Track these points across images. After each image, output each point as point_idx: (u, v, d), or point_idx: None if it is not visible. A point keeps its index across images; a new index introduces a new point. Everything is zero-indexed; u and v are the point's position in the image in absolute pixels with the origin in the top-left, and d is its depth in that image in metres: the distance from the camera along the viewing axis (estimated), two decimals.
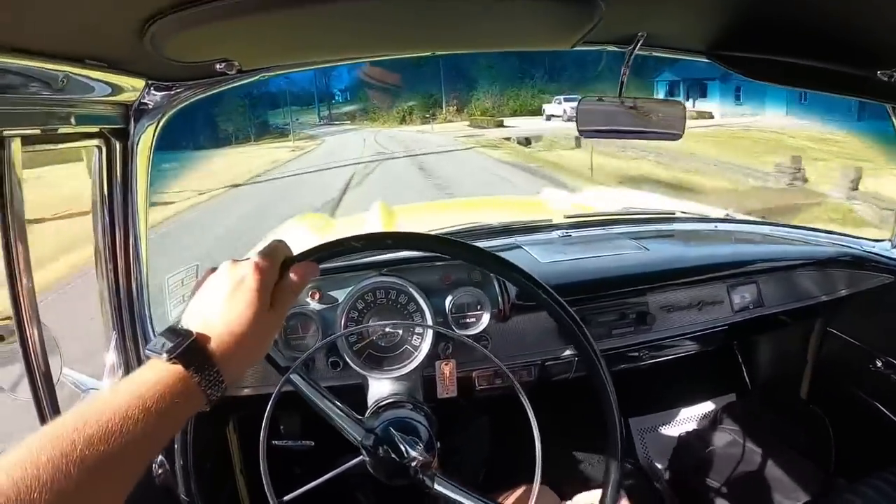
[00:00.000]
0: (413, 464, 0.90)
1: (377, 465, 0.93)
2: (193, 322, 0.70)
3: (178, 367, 0.64)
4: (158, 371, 0.64)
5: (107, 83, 0.93)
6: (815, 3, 0.89)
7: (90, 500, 0.54)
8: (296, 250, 0.83)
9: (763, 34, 1.11)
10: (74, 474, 0.52)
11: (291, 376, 0.91)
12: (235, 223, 9.86)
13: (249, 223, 9.63)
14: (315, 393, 0.93)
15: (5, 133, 0.79)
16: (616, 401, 0.87)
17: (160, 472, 1.12)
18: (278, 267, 0.77)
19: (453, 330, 1.14)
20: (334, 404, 0.94)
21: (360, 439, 0.93)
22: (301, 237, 2.53)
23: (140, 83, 0.99)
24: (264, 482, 0.86)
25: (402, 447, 0.91)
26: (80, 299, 4.30)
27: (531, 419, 0.89)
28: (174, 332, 0.67)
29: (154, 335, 1.17)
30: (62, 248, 5.75)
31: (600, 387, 0.88)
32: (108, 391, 0.61)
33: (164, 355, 0.64)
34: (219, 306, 0.71)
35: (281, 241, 0.81)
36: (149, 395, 0.61)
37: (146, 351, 0.66)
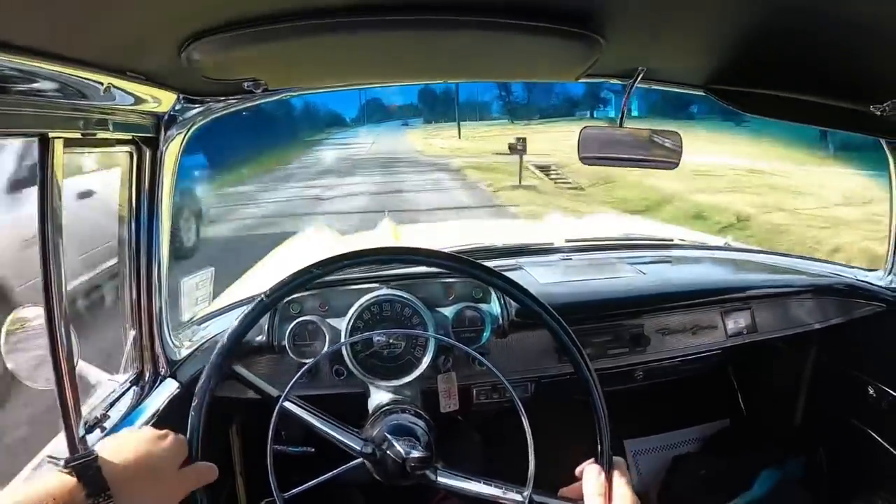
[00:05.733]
0: (412, 463, 0.94)
1: (378, 469, 0.98)
2: (103, 447, 0.73)
3: (71, 480, 0.65)
4: (50, 480, 0.65)
5: (142, 95, 1.00)
6: (811, 41, 0.93)
7: None
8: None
9: (759, 70, 1.16)
10: None
11: (284, 403, 0.95)
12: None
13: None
14: (310, 414, 0.98)
15: (51, 134, 0.85)
16: (607, 418, 0.91)
17: None
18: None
19: (454, 341, 1.19)
20: (329, 422, 0.99)
21: (359, 449, 0.97)
22: (312, 249, 2.59)
23: (173, 96, 1.07)
24: (270, 477, 0.90)
25: (399, 449, 0.94)
26: None
27: (527, 434, 0.92)
28: (80, 448, 0.72)
29: (169, 334, 1.24)
30: None
31: (593, 405, 0.92)
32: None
33: (60, 464, 0.66)
34: (133, 443, 0.76)
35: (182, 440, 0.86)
36: (31, 501, 0.62)
37: (46, 460, 0.70)
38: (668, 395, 1.91)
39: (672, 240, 2.05)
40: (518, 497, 0.93)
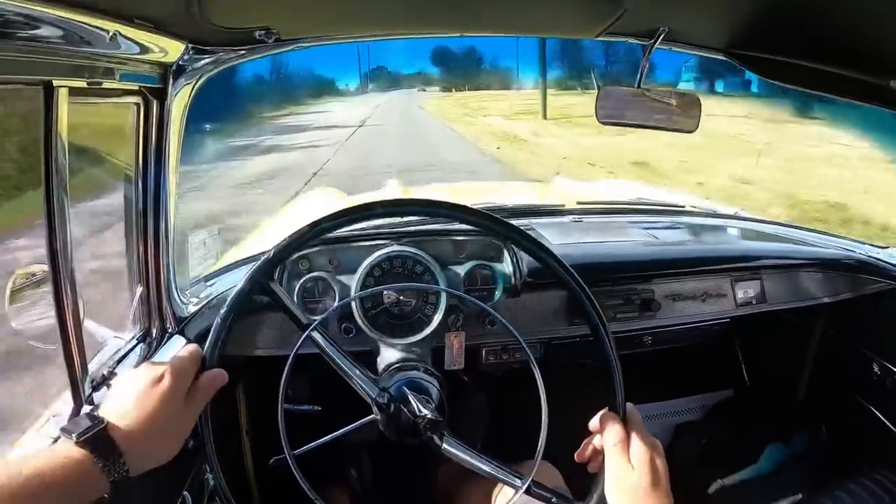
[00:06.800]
0: (423, 423, 0.94)
1: (388, 423, 0.97)
2: (109, 411, 0.76)
3: (84, 451, 0.69)
4: (65, 452, 0.68)
5: (150, 44, 0.96)
6: (834, 10, 0.91)
7: None
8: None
9: (782, 37, 1.13)
10: None
11: (312, 333, 0.95)
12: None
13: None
14: (333, 350, 0.97)
15: (55, 83, 0.82)
16: (621, 370, 0.91)
17: None
18: (194, 371, 0.86)
19: (465, 295, 1.17)
20: (351, 362, 0.98)
21: (373, 396, 0.97)
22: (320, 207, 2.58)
23: (181, 46, 1.03)
24: (281, 435, 0.89)
25: (414, 405, 0.94)
26: None
27: (541, 393, 0.91)
28: (89, 418, 0.73)
29: (177, 291, 1.23)
30: None
31: (607, 360, 0.91)
32: (15, 462, 0.66)
33: (73, 437, 0.69)
34: (135, 400, 0.77)
35: (197, 347, 0.89)
36: (50, 472, 0.65)
37: (59, 432, 0.72)
38: (672, 363, 1.92)
39: (684, 206, 2.04)
40: (517, 482, 0.93)
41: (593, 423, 0.91)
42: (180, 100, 1.12)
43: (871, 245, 1.73)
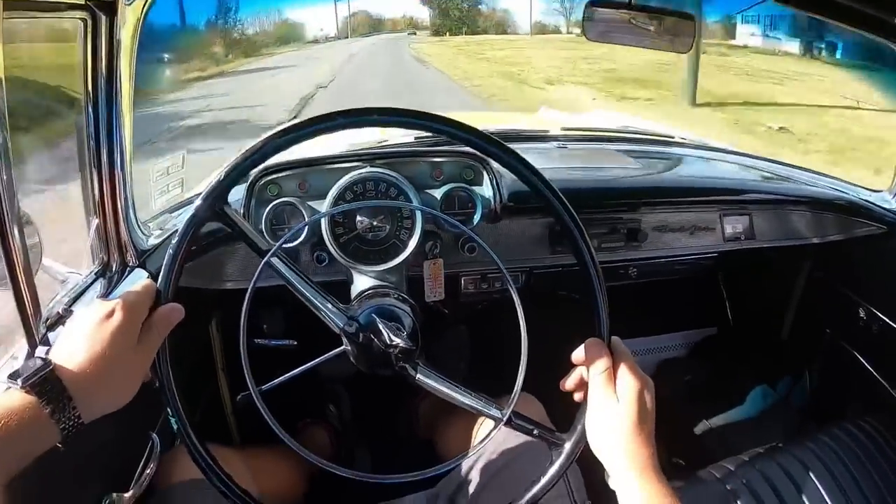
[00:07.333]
0: (396, 351, 0.89)
1: (359, 353, 0.92)
2: (57, 353, 0.71)
3: (31, 397, 0.64)
4: (10, 399, 0.64)
5: None
6: None
7: None
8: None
9: None
10: None
11: (272, 259, 0.88)
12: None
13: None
14: (297, 278, 0.91)
15: None
16: (606, 298, 0.86)
17: None
18: (147, 306, 0.79)
19: (442, 215, 1.11)
20: (317, 291, 0.92)
21: (342, 326, 0.91)
22: None
23: None
24: (245, 370, 0.85)
25: (385, 334, 0.89)
26: None
27: (521, 322, 0.87)
28: (38, 360, 0.68)
29: (137, 222, 1.17)
30: None
31: (592, 287, 0.86)
32: None
33: (19, 383, 0.65)
34: (84, 340, 0.72)
35: (150, 281, 0.84)
36: None
37: (6, 379, 0.67)
38: (657, 298, 1.90)
39: (673, 137, 1.97)
40: (496, 414, 0.90)
41: (578, 352, 0.86)
42: (133, 15, 1.02)
43: (864, 188, 1.68)
